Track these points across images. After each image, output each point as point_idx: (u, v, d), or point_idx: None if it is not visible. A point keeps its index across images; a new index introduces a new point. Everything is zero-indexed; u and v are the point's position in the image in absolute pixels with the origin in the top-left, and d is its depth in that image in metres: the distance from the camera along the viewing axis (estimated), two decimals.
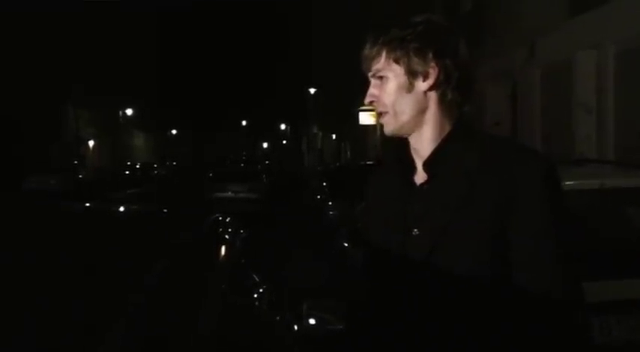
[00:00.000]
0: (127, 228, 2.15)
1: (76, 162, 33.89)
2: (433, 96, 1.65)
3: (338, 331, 2.30)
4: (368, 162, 22.71)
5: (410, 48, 1.63)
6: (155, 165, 42.32)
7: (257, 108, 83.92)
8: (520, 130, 14.57)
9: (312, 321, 2.32)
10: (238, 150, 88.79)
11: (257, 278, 2.38)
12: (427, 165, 1.65)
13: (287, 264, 6.57)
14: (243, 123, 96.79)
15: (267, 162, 58.05)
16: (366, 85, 1.75)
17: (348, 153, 40.08)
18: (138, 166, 38.93)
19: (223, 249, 2.13)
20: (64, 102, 37.99)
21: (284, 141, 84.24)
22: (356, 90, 30.10)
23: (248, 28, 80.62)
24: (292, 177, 32.26)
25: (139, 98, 51.01)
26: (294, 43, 51.67)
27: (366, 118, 31.76)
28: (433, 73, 1.63)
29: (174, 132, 72.34)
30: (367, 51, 1.70)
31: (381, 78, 1.68)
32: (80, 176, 28.09)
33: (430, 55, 1.63)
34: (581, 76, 11.32)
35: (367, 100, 1.72)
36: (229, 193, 17.16)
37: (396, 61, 1.65)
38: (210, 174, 18.90)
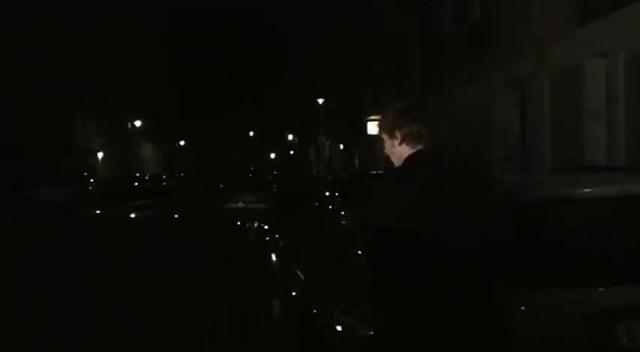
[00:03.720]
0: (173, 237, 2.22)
1: (85, 173, 34.02)
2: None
3: (366, 337, 2.34)
4: (378, 172, 22.68)
5: (385, 129, 3.16)
6: (164, 177, 42.41)
7: (264, 119, 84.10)
8: (529, 138, 14.57)
9: (341, 327, 2.36)
10: (246, 161, 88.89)
11: (302, 285, 2.44)
12: None
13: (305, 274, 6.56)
14: (251, 134, 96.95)
15: (274, 172, 58.09)
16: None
17: (356, 162, 40.10)
18: (147, 177, 39.05)
19: (274, 256, 2.19)
20: (72, 113, 38.19)
21: (292, 152, 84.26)
22: (363, 100, 29.88)
23: (255, 39, 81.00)
24: (302, 187, 32.18)
25: (148, 109, 51.21)
26: (301, 53, 51.90)
27: (374, 128, 31.81)
28: (399, 136, 3.07)
29: (182, 143, 72.54)
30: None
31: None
32: (90, 187, 28.20)
33: (398, 133, 3.09)
34: (591, 83, 11.34)
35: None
36: (240, 204, 17.21)
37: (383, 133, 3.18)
38: (222, 185, 18.96)
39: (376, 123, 30.91)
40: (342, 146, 44.30)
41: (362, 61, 29.67)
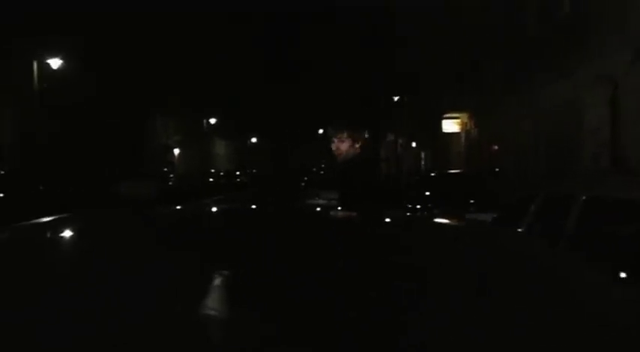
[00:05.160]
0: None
1: (165, 169, 34.87)
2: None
3: None
4: (452, 171, 22.35)
5: (354, 136, 5.39)
6: (238, 173, 43.13)
7: (334, 117, 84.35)
8: (623, 136, 14.10)
9: None
10: (315, 158, 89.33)
11: None
12: None
13: None
14: (320, 131, 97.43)
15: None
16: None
17: (422, 162, 39.79)
18: (222, 174, 39.79)
19: None
20: (153, 111, 39.17)
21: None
22: (440, 98, 29.36)
23: (325, 38, 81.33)
24: (386, 185, 32.02)
25: (222, 107, 52.10)
26: (372, 50, 51.77)
27: (449, 126, 31.25)
28: (360, 142, 5.38)
29: (253, 140, 73.57)
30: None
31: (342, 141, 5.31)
32: (170, 183, 28.88)
33: (360, 141, 5.39)
34: None
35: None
36: (321, 200, 17.27)
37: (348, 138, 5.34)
38: (302, 184, 19.13)
39: (456, 121, 30.43)
40: (414, 144, 43.99)
41: (440, 59, 29.34)
